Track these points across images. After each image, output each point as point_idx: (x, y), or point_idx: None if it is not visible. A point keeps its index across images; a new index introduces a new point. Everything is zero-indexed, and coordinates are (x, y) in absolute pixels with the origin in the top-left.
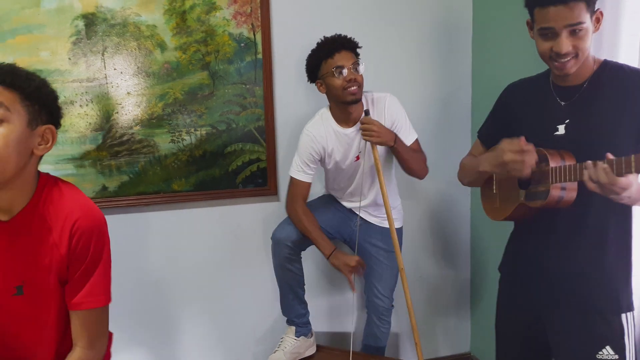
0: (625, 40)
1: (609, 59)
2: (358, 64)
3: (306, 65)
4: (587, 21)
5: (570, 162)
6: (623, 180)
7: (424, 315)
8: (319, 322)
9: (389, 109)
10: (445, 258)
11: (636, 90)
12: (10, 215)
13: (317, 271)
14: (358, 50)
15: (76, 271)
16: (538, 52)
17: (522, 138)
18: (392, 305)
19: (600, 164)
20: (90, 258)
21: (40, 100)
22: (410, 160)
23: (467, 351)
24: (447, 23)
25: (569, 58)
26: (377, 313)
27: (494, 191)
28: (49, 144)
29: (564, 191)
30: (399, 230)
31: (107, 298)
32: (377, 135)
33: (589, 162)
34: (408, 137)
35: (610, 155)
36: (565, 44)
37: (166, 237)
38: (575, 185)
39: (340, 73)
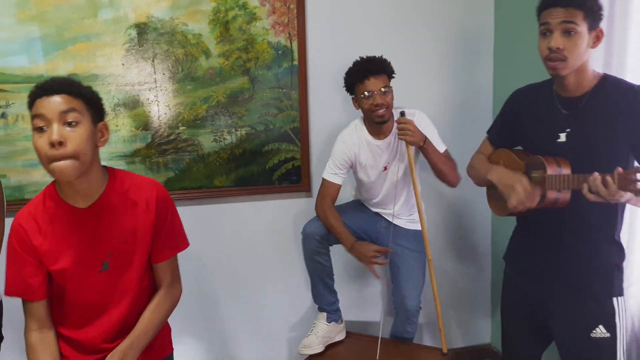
0: (632, 54)
1: (618, 71)
2: (387, 89)
3: (344, 81)
4: (582, 27)
5: (565, 169)
6: (621, 192)
7: (447, 309)
8: (348, 312)
9: (420, 122)
10: (468, 255)
11: (631, 105)
12: (90, 201)
13: (345, 264)
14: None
15: (163, 230)
16: (540, 53)
17: (534, 192)
18: (420, 307)
19: (597, 178)
20: (170, 218)
21: (96, 104)
22: (439, 163)
23: (487, 342)
24: (469, 29)
25: (559, 57)
26: (405, 314)
27: (498, 191)
28: (106, 137)
29: (559, 194)
30: (421, 233)
31: (187, 242)
32: (411, 134)
33: (589, 176)
34: (439, 147)
35: (620, 170)
36: (556, 39)
37: (208, 229)
38: (568, 191)
39: (369, 97)
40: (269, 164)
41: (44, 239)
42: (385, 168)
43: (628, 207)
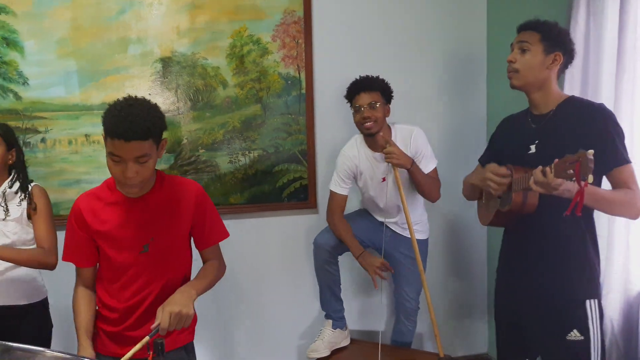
0: (605, 78)
1: (594, 97)
2: (375, 104)
3: (345, 97)
4: (536, 47)
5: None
6: (557, 180)
7: (445, 318)
8: (352, 321)
9: (415, 139)
10: (465, 267)
11: (590, 117)
12: (139, 195)
13: (352, 277)
14: (384, 85)
15: (201, 222)
16: None
17: (504, 167)
18: (418, 307)
19: (539, 169)
20: (209, 213)
21: (160, 135)
22: (423, 184)
23: (484, 352)
24: (464, 56)
25: (512, 69)
26: (405, 313)
27: (483, 200)
28: (164, 150)
29: (526, 197)
30: (425, 242)
31: (226, 233)
32: (396, 158)
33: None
34: (428, 165)
35: (556, 160)
36: (513, 54)
37: (224, 242)
38: (536, 193)
39: (358, 111)
40: (279, 183)
41: (95, 219)
42: (384, 179)
43: (607, 218)
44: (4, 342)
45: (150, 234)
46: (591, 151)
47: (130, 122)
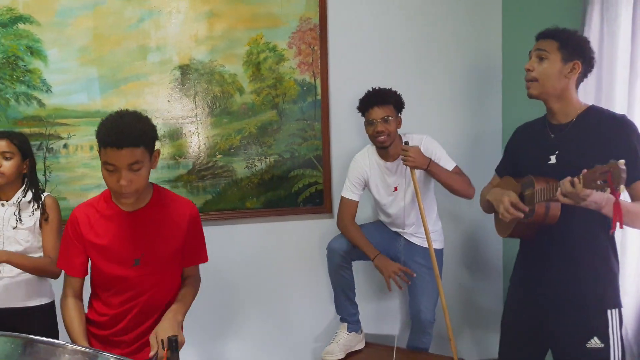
0: (619, 85)
1: (607, 104)
2: (388, 117)
3: (358, 108)
4: (554, 55)
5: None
6: (586, 190)
7: (462, 325)
8: (367, 325)
9: (426, 146)
10: (481, 274)
11: (611, 130)
12: (134, 209)
13: (367, 281)
14: (396, 98)
15: (192, 242)
16: None
17: (519, 202)
18: (434, 319)
19: (567, 179)
20: (198, 233)
21: (153, 142)
22: (449, 179)
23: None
24: (479, 66)
25: (531, 77)
26: (421, 325)
27: None
28: (157, 162)
29: (548, 208)
30: (440, 251)
31: (207, 258)
32: (412, 159)
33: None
34: (447, 165)
35: (585, 170)
36: (531, 62)
37: (240, 246)
38: (558, 204)
39: (371, 124)
40: (295, 188)
41: (90, 230)
42: (396, 189)
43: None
44: (26, 335)
45: (141, 249)
46: (622, 161)
47: (121, 130)
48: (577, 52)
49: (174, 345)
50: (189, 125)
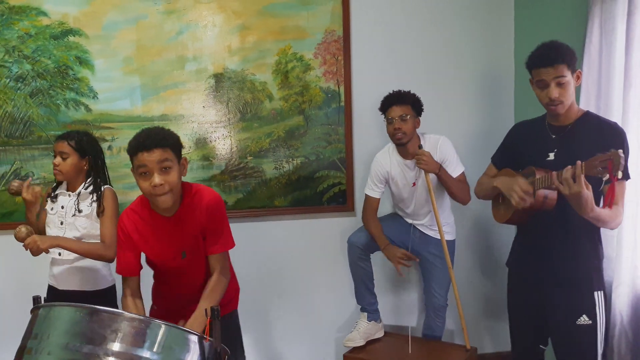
0: (616, 93)
1: (605, 109)
2: (406, 116)
3: (379, 109)
4: (568, 76)
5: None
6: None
7: (473, 315)
8: (385, 317)
9: (441, 147)
10: (492, 265)
11: (604, 134)
12: (172, 213)
13: (385, 275)
14: (415, 99)
15: (211, 230)
16: (538, 100)
17: (530, 186)
18: (447, 304)
19: (568, 169)
20: (218, 221)
21: (179, 147)
22: (452, 186)
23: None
24: (493, 71)
25: (557, 103)
26: (434, 309)
27: (500, 201)
28: (186, 169)
29: (547, 194)
30: (452, 242)
31: (233, 243)
32: (425, 163)
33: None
34: (455, 170)
35: (578, 162)
36: (553, 91)
37: (269, 242)
38: (555, 192)
39: (390, 123)
40: (320, 188)
41: (139, 235)
42: (414, 184)
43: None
44: (90, 306)
45: (184, 245)
46: (621, 150)
47: (148, 135)
48: (575, 62)
49: (215, 314)
50: (222, 129)
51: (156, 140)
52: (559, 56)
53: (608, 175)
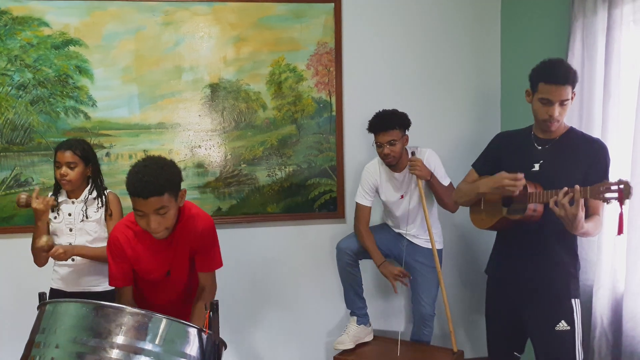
0: (597, 103)
1: (588, 122)
2: (394, 142)
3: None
4: (572, 97)
5: (539, 190)
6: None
7: (464, 321)
8: (374, 322)
9: (429, 159)
10: (478, 275)
11: (587, 149)
12: (167, 235)
13: (374, 281)
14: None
15: (202, 252)
16: (534, 112)
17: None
18: (434, 313)
19: (565, 190)
20: (209, 244)
21: (178, 186)
22: (442, 193)
23: None
24: (481, 86)
25: (554, 121)
26: (422, 319)
27: (481, 207)
28: (184, 199)
29: (535, 207)
30: (440, 251)
31: (221, 263)
32: (419, 169)
33: (559, 190)
34: (443, 181)
35: (577, 187)
36: (556, 110)
37: (261, 247)
38: (542, 206)
39: (379, 147)
40: (311, 195)
41: (132, 251)
42: (402, 197)
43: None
44: (95, 301)
45: (171, 265)
46: (628, 180)
47: (145, 181)
48: (575, 83)
49: (214, 307)
50: (217, 137)
51: (153, 189)
52: (569, 78)
53: (614, 202)
